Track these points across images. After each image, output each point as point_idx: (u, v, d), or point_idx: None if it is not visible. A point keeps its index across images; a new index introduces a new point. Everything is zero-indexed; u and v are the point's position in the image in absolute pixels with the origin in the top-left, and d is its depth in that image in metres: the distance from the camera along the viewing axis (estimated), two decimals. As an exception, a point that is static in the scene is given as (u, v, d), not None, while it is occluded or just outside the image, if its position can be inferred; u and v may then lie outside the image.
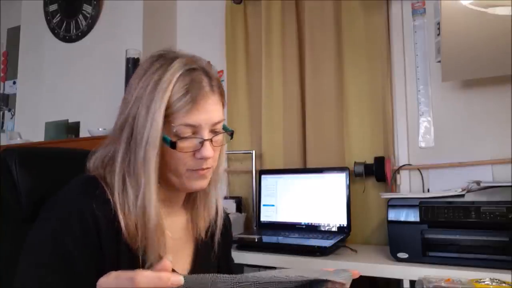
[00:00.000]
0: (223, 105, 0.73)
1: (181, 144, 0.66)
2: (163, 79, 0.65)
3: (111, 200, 0.65)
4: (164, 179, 0.70)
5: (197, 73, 0.68)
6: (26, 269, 0.59)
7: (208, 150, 0.67)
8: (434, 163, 1.56)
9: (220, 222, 0.81)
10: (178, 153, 0.67)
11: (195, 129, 0.67)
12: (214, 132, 0.70)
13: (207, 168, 0.70)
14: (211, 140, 0.68)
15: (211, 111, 0.68)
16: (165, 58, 0.68)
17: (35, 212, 0.73)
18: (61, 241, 0.60)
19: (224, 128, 0.72)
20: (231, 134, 0.74)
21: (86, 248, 0.61)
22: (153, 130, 0.64)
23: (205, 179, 0.71)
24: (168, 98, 0.64)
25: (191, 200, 0.80)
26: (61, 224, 0.61)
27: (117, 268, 0.63)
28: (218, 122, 0.69)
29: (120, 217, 0.64)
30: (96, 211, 0.63)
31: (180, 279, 0.46)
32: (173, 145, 0.65)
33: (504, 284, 1.03)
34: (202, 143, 0.67)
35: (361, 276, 1.27)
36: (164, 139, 0.65)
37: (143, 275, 0.44)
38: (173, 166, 0.68)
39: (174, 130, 0.65)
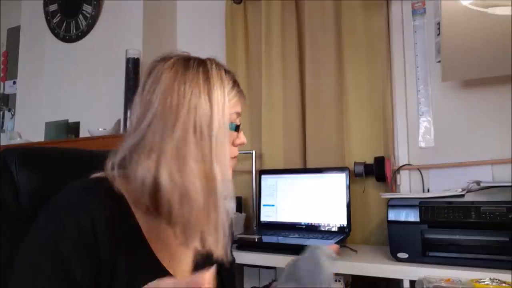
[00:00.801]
0: None
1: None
2: (212, 73, 0.70)
3: (123, 199, 0.65)
4: None
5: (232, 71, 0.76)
6: (21, 275, 0.59)
7: (244, 136, 0.78)
8: (434, 163, 1.56)
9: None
10: (226, 141, 0.71)
11: (238, 117, 0.76)
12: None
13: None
14: None
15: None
16: (195, 58, 0.72)
17: (35, 212, 0.73)
18: (58, 247, 0.59)
19: None
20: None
21: (84, 254, 0.60)
22: (221, 116, 0.68)
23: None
24: (225, 90, 0.70)
25: None
26: (58, 229, 0.60)
27: (116, 269, 0.63)
28: None
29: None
30: (94, 213, 0.62)
31: None
32: (237, 128, 0.75)
33: (504, 284, 1.03)
34: (238, 130, 0.76)
35: (361, 276, 1.27)
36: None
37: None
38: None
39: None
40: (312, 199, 1.63)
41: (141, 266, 0.66)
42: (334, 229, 1.56)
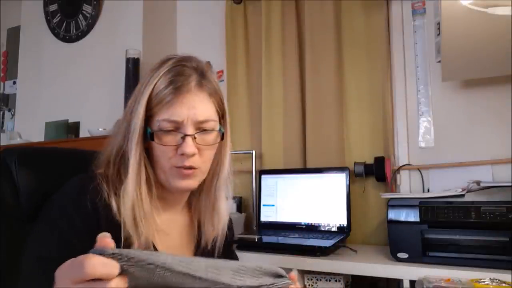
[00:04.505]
0: (218, 105, 0.73)
1: (161, 137, 0.67)
2: (153, 75, 0.68)
3: (106, 195, 0.66)
4: (157, 176, 0.71)
5: (185, 69, 0.69)
6: (31, 269, 0.59)
7: (188, 146, 0.66)
8: (434, 163, 1.56)
9: (222, 228, 0.80)
10: (161, 147, 0.67)
11: (178, 125, 0.67)
12: (201, 130, 0.69)
13: (191, 167, 0.68)
14: (194, 138, 0.67)
15: (194, 108, 0.67)
16: (167, 58, 0.71)
17: (35, 212, 0.73)
18: (69, 241, 0.61)
19: (213, 128, 0.71)
20: (222, 135, 0.72)
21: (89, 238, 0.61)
22: (136, 120, 0.67)
23: (190, 179, 0.70)
24: (151, 90, 0.67)
25: (198, 205, 0.80)
26: (67, 225, 0.62)
27: None
28: (205, 121, 0.69)
29: (114, 209, 0.65)
30: (95, 206, 0.64)
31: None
32: (151, 137, 0.67)
33: (504, 284, 1.03)
34: (183, 138, 0.67)
35: (361, 276, 1.27)
36: (145, 131, 0.68)
37: (91, 262, 0.39)
38: (159, 161, 0.69)
39: (158, 124, 0.67)
40: (312, 199, 1.63)
41: None
42: (334, 229, 1.56)
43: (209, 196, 0.77)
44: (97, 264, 0.39)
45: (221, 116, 0.74)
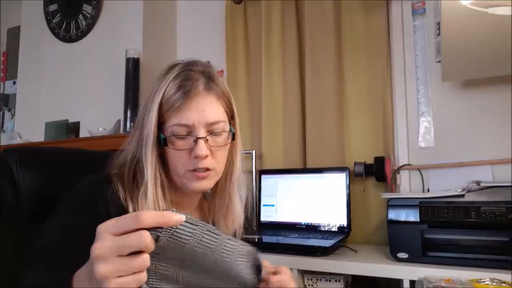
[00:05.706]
0: (226, 106, 0.74)
1: (174, 142, 0.69)
2: (162, 82, 0.69)
3: (122, 197, 0.66)
4: (170, 180, 0.72)
5: (193, 73, 0.70)
6: (35, 255, 0.60)
7: (201, 148, 0.68)
8: (434, 163, 1.56)
9: (239, 228, 0.81)
10: (175, 151, 0.69)
11: (190, 129, 0.69)
12: (212, 132, 0.71)
13: (205, 168, 0.70)
14: (206, 140, 0.69)
15: (204, 110, 0.69)
16: (174, 64, 0.73)
17: (36, 212, 0.73)
18: (75, 238, 0.60)
19: (223, 129, 0.73)
20: (232, 135, 0.74)
21: None
22: (149, 127, 0.68)
23: (206, 180, 0.71)
24: (161, 96, 0.68)
25: (212, 207, 0.80)
26: (77, 221, 0.62)
27: None
28: (215, 123, 0.70)
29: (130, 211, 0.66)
30: (109, 207, 0.64)
31: (181, 217, 0.45)
32: (165, 142, 0.68)
33: (504, 284, 1.03)
34: (196, 141, 0.68)
35: (361, 276, 1.27)
36: (159, 137, 0.69)
37: (147, 212, 0.43)
38: (173, 165, 0.70)
39: (170, 130, 0.68)
40: (312, 199, 1.63)
41: None
42: (334, 229, 1.56)
43: (223, 197, 0.78)
44: (154, 213, 0.43)
45: (231, 117, 0.76)
